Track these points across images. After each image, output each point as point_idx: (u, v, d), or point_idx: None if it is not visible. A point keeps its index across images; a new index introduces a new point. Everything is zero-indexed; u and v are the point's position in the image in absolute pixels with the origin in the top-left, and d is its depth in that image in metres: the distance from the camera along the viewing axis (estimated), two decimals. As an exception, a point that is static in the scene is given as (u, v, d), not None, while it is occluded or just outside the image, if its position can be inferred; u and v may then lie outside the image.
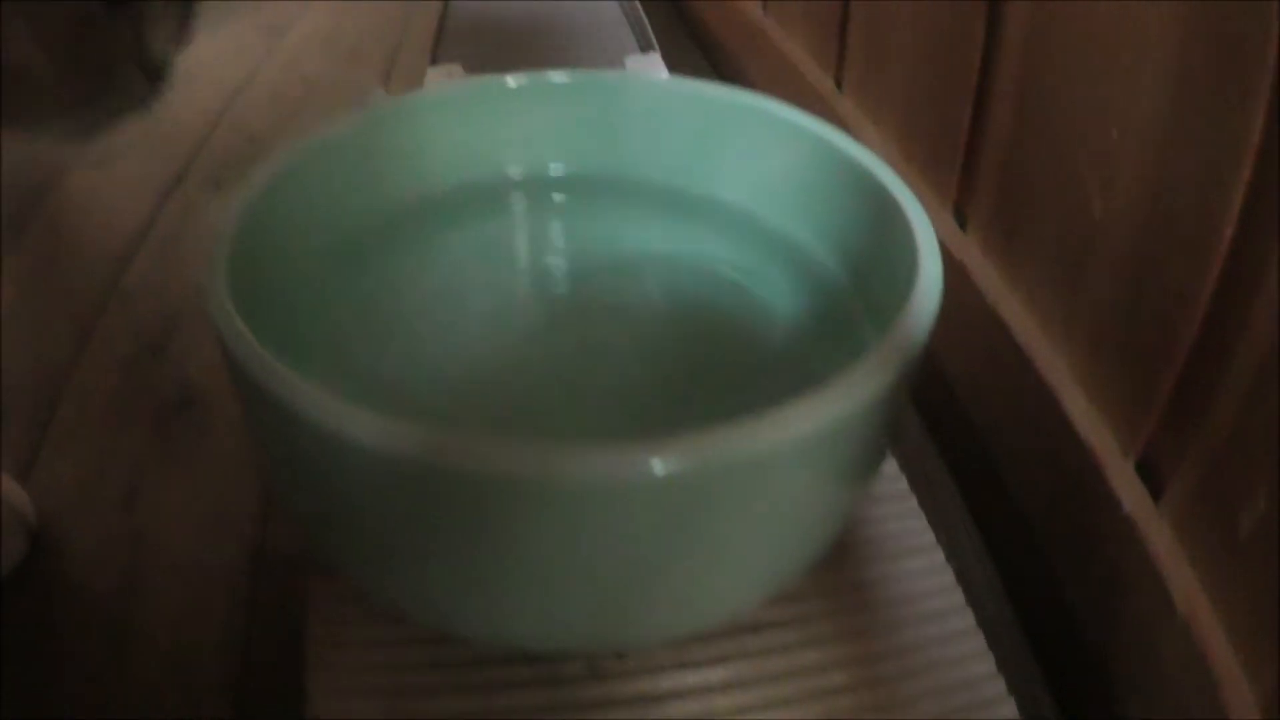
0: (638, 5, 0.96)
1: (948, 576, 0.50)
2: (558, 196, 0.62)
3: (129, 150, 1.02)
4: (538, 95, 0.60)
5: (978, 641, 0.49)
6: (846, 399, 0.37)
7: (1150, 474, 0.52)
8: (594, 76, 0.61)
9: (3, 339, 0.79)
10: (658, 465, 0.34)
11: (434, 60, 0.87)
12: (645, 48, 0.87)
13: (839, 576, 0.49)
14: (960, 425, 0.67)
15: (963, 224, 0.69)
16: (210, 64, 1.23)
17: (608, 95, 0.60)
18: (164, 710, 0.54)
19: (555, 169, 0.62)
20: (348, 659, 0.47)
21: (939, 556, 0.51)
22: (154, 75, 0.46)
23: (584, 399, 0.51)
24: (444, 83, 0.60)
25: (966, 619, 0.49)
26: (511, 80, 0.60)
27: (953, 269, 0.59)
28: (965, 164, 0.69)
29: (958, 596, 0.50)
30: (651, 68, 0.82)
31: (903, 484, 0.54)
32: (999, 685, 0.47)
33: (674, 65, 0.85)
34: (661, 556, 0.38)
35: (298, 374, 0.36)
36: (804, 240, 0.56)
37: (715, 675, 0.46)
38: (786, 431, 0.35)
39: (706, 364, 0.52)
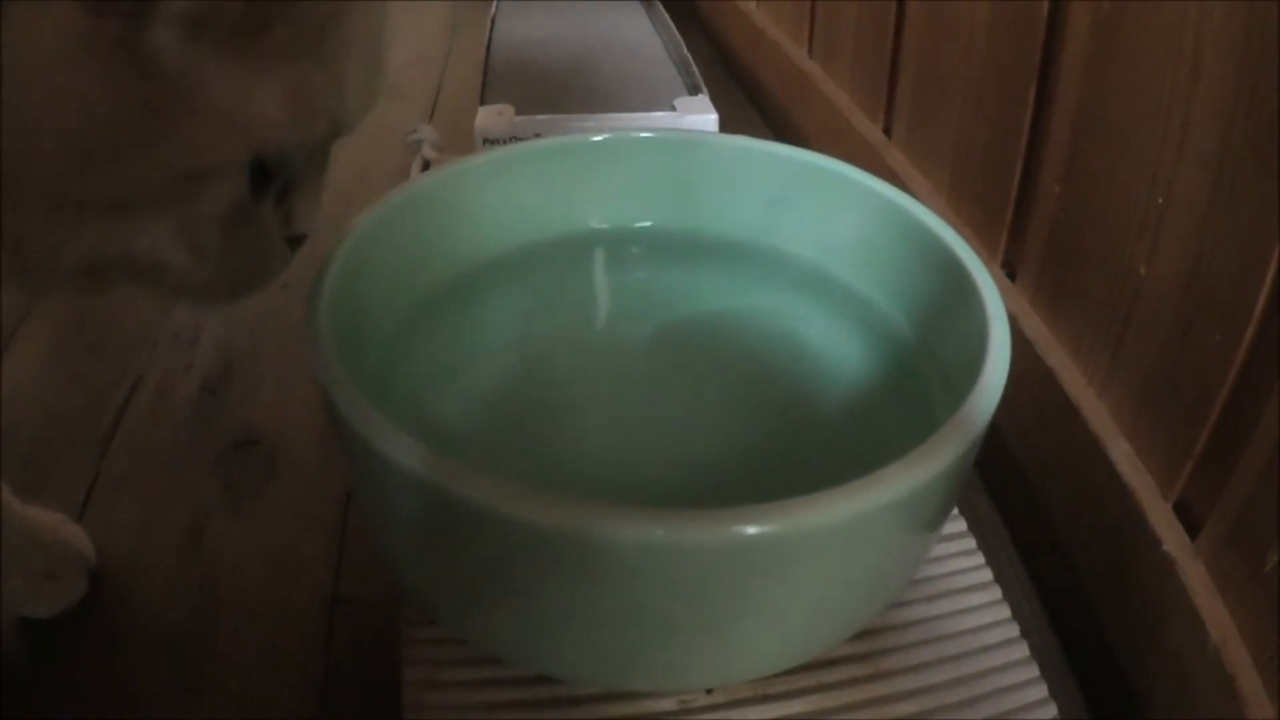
0: (684, 47, 0.98)
1: (1003, 611, 0.54)
2: (636, 250, 0.65)
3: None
4: (620, 152, 0.63)
5: (1031, 671, 0.52)
6: (926, 468, 0.41)
7: (1187, 515, 0.56)
8: (673, 135, 0.64)
9: (50, 377, 0.79)
10: (752, 530, 0.38)
11: (483, 100, 0.89)
12: (693, 90, 0.89)
13: (907, 613, 0.53)
14: (1009, 467, 0.70)
15: (1012, 276, 0.73)
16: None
17: (686, 153, 0.63)
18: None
19: (635, 223, 0.65)
20: (445, 700, 0.49)
21: (996, 593, 0.55)
22: (298, 243, 0.45)
23: (662, 449, 0.54)
24: (531, 141, 0.63)
25: (1020, 650, 0.53)
26: (596, 137, 0.63)
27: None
28: (1015, 219, 0.72)
29: (1013, 630, 0.54)
30: (700, 110, 0.85)
31: (961, 524, 0.58)
32: (1050, 711, 0.51)
33: (720, 108, 0.87)
34: (755, 607, 0.42)
35: (418, 441, 0.40)
36: (873, 297, 0.59)
37: (795, 708, 0.49)
38: (874, 499, 0.39)
39: (780, 416, 0.56)
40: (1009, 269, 0.73)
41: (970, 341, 0.48)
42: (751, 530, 0.38)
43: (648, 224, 0.65)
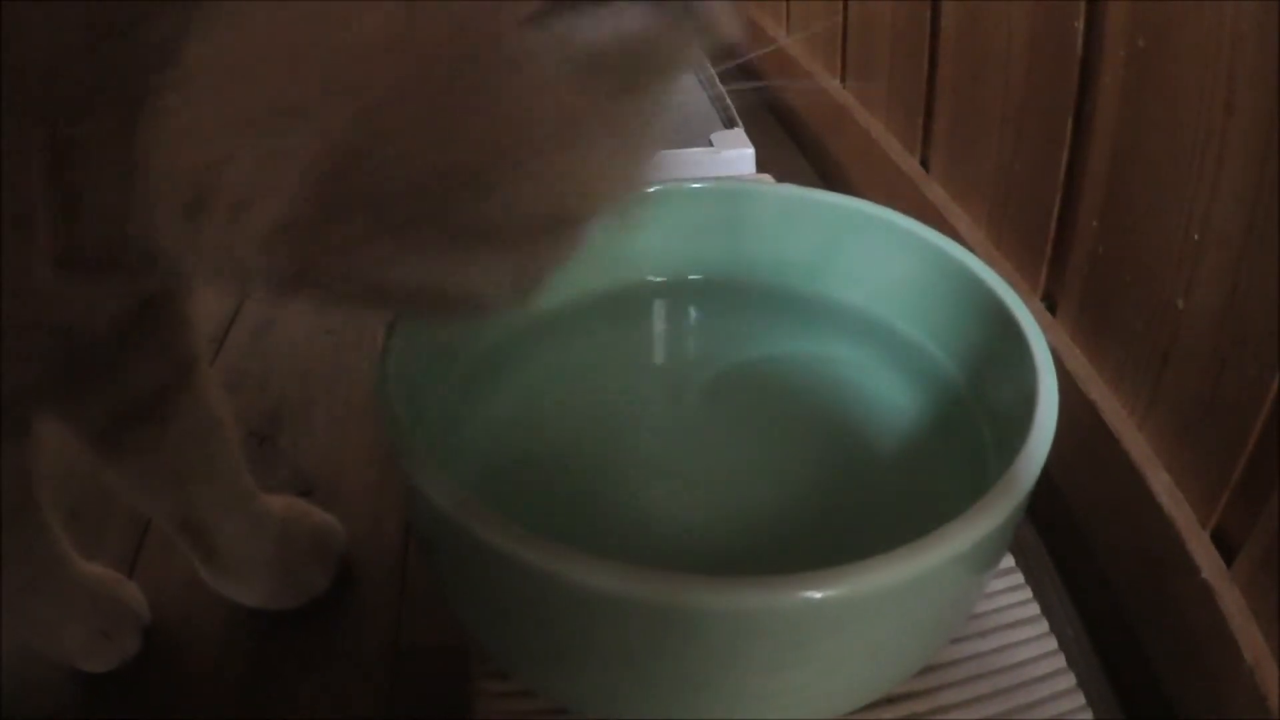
0: (718, 80, 0.99)
1: (1051, 644, 0.56)
2: (686, 300, 0.66)
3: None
4: (671, 202, 0.64)
5: (1078, 699, 0.54)
6: (985, 524, 0.42)
7: (1224, 542, 0.57)
8: (723, 184, 0.65)
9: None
10: (817, 594, 0.40)
11: None
12: (729, 123, 0.89)
13: (961, 649, 0.55)
14: (1053, 498, 0.71)
15: (1052, 309, 0.74)
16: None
17: (737, 203, 0.64)
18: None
19: (687, 275, 0.65)
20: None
21: (1044, 625, 0.56)
22: None
23: (719, 503, 0.55)
24: None
25: (1068, 680, 0.54)
26: (649, 188, 0.63)
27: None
28: (1054, 253, 0.73)
29: (1060, 661, 0.55)
30: (736, 144, 0.85)
31: (1009, 560, 0.59)
32: (1097, 739, 0.53)
33: (756, 142, 0.87)
34: (820, 663, 0.44)
35: (492, 512, 0.41)
36: (922, 343, 0.60)
37: (856, 745, 0.51)
38: (936, 558, 0.41)
39: (833, 465, 0.57)
40: (1049, 301, 0.74)
41: (1020, 390, 0.49)
42: (819, 594, 0.39)
43: (699, 273, 0.66)
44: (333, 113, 0.33)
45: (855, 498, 0.54)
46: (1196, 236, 0.57)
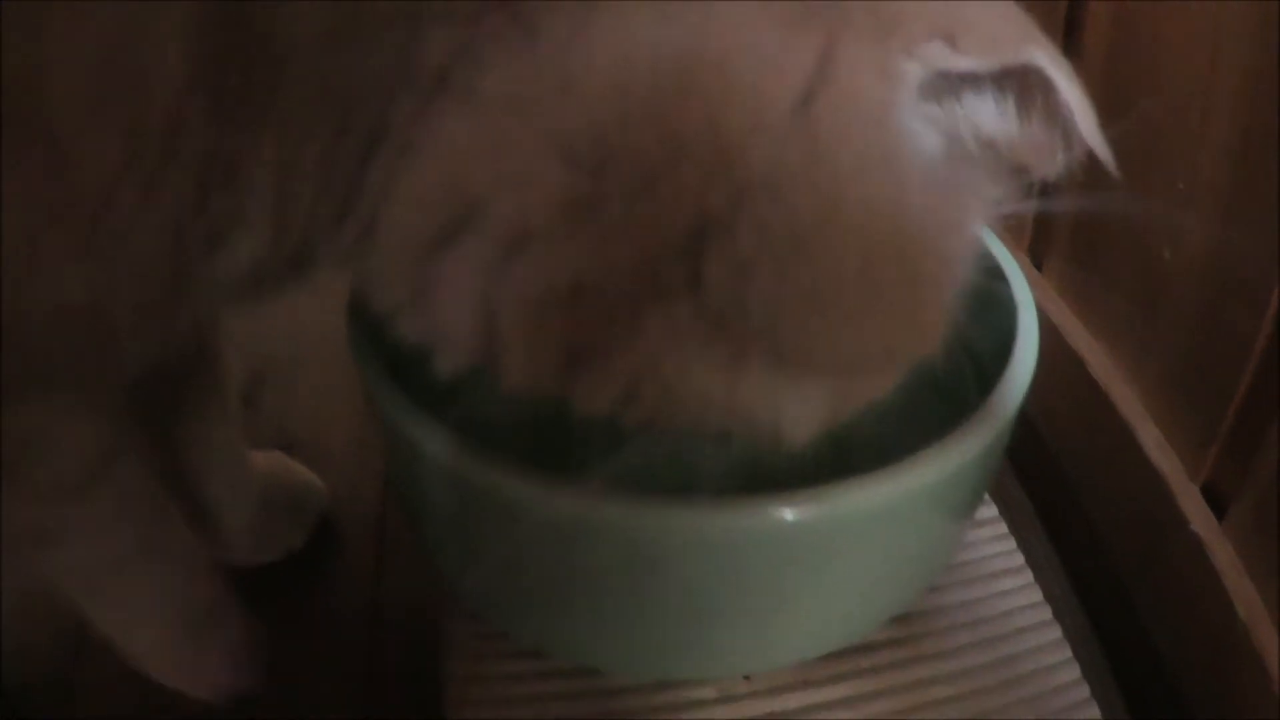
0: None
1: (1036, 595, 0.55)
2: None
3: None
4: None
5: (1064, 652, 0.54)
6: (960, 453, 0.42)
7: (1215, 496, 0.57)
8: None
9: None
10: (789, 514, 0.39)
11: None
12: None
13: (942, 597, 0.54)
14: (1040, 453, 0.71)
15: (1039, 265, 0.73)
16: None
17: None
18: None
19: None
20: (488, 694, 0.51)
21: (1028, 576, 0.56)
22: None
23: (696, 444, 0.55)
24: None
25: (1054, 632, 0.54)
26: None
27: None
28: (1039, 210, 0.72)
29: (1045, 613, 0.55)
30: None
31: (993, 510, 0.59)
32: (1084, 691, 0.52)
33: None
34: (793, 593, 0.44)
35: (468, 444, 0.41)
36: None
37: (835, 692, 0.51)
38: (909, 483, 0.41)
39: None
40: (1035, 258, 0.74)
41: (999, 329, 0.49)
42: (790, 515, 0.39)
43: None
44: (684, 170, 0.30)
45: (831, 441, 0.54)
46: (1183, 186, 0.56)
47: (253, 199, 0.34)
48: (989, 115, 0.33)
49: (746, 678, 0.51)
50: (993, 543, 0.57)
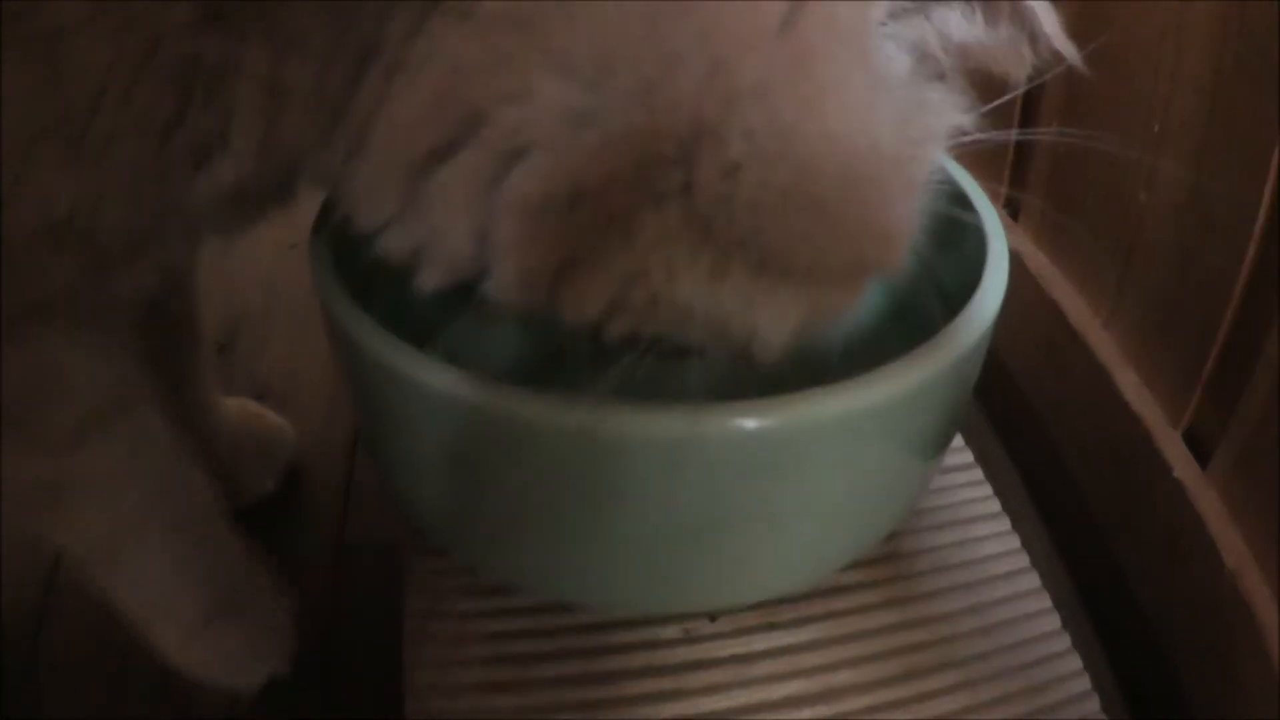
0: None
1: (1014, 541, 0.54)
2: None
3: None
4: None
5: (1043, 600, 0.52)
6: (920, 370, 0.42)
7: (1198, 443, 0.55)
8: None
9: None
10: (750, 423, 0.39)
11: None
12: None
13: (913, 541, 0.53)
14: (1016, 403, 0.70)
15: (1014, 214, 0.73)
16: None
17: None
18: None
19: None
20: (447, 630, 0.50)
21: (1005, 523, 0.55)
22: None
23: (656, 377, 0.54)
24: None
25: (1032, 580, 0.53)
26: None
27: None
28: (1015, 157, 0.72)
29: (1023, 560, 0.54)
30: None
31: (968, 456, 0.58)
32: (1065, 641, 0.51)
33: None
34: (755, 512, 0.43)
35: (423, 353, 0.41)
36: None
37: (803, 635, 0.50)
38: (869, 396, 0.41)
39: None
40: (1011, 208, 0.73)
41: (969, 261, 0.48)
42: (751, 424, 0.39)
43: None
44: (679, 82, 0.32)
45: (800, 376, 0.53)
46: (1157, 128, 0.56)
47: (239, 115, 0.35)
48: (958, 24, 0.36)
49: (712, 619, 0.50)
50: (967, 488, 0.56)
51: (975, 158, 0.77)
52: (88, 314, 0.41)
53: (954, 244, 0.52)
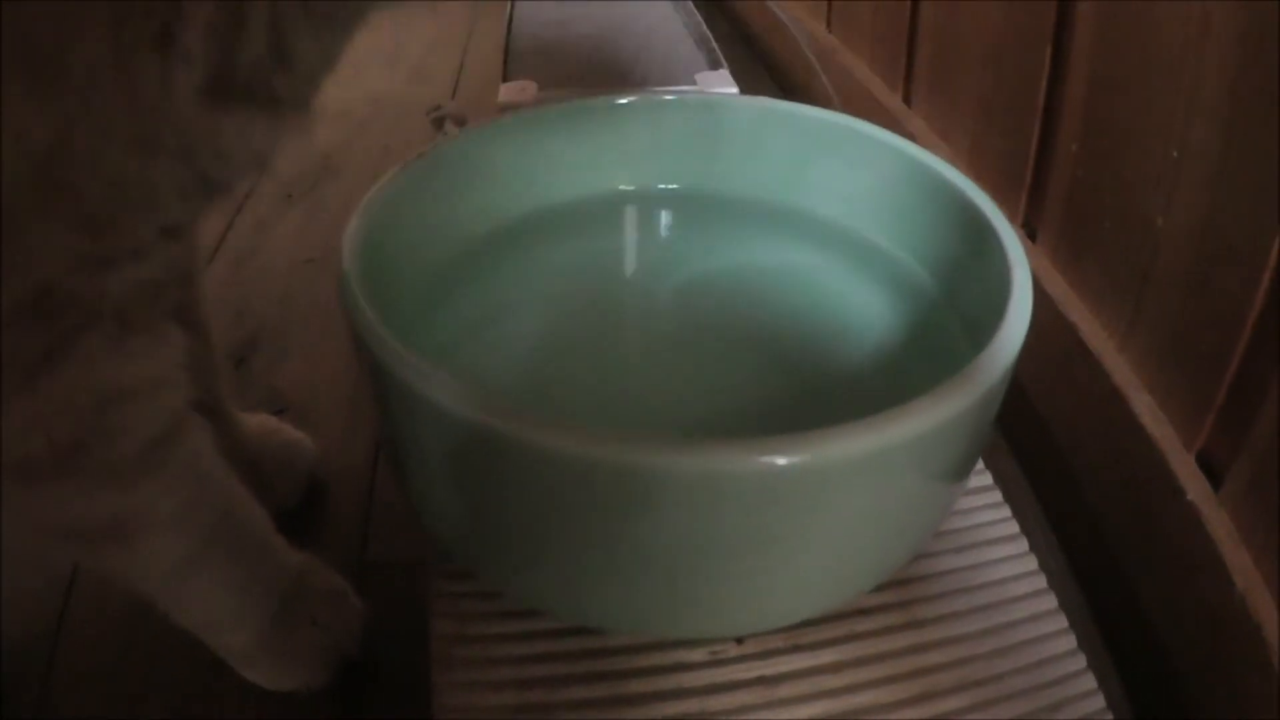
0: (703, 25, 0.98)
1: (1031, 564, 0.55)
2: (662, 210, 0.66)
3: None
4: (646, 113, 0.64)
5: (1059, 621, 0.53)
6: (950, 404, 0.42)
7: (1210, 465, 0.56)
8: (698, 96, 0.65)
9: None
10: (780, 460, 0.39)
11: (505, 78, 0.89)
12: (714, 65, 0.89)
13: (935, 564, 0.54)
14: (1033, 424, 0.71)
15: (1032, 236, 0.73)
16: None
17: (711, 113, 0.64)
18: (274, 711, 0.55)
19: (661, 184, 0.65)
20: (475, 653, 0.50)
21: (1023, 545, 0.55)
22: None
23: (689, 404, 0.55)
24: (556, 103, 0.63)
25: (1049, 602, 0.54)
26: (621, 99, 0.63)
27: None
28: (1034, 180, 0.73)
29: (1040, 581, 0.54)
30: (721, 84, 0.85)
31: (988, 478, 0.59)
32: (1080, 661, 0.52)
33: (740, 82, 0.87)
34: (783, 543, 0.43)
35: (459, 379, 0.41)
36: (896, 253, 0.60)
37: (826, 657, 0.50)
38: (899, 432, 0.41)
39: (805, 371, 0.56)
40: (1029, 229, 0.74)
41: (993, 289, 0.49)
42: (781, 460, 0.39)
43: (674, 185, 0.66)
44: None
45: (828, 404, 0.54)
46: (1175, 154, 0.56)
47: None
48: None
49: (739, 641, 0.51)
50: (987, 510, 0.57)
51: (995, 185, 0.78)
52: (131, 322, 0.41)
53: (975, 264, 0.53)
